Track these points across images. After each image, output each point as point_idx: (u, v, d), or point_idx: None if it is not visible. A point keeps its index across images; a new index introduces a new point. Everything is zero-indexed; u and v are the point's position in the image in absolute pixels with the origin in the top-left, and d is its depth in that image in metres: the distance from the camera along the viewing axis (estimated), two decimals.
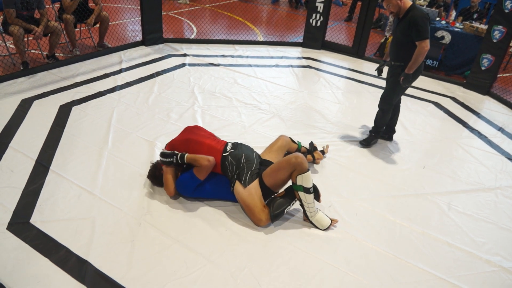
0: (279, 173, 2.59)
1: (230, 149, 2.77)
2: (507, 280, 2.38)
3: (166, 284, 2.14)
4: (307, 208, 2.59)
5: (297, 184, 2.54)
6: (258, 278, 2.23)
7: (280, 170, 2.59)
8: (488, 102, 5.10)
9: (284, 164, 2.57)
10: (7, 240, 2.33)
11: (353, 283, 2.26)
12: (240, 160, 2.69)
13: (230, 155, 2.72)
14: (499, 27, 4.99)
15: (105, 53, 5.31)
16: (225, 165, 2.70)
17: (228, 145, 2.81)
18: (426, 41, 3.13)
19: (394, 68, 3.43)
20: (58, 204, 2.65)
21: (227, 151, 2.74)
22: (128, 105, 4.08)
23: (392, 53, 3.44)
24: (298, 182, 2.53)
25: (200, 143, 2.77)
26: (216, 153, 2.73)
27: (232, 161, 2.69)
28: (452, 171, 3.46)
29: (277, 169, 2.61)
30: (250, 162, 2.70)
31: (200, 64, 5.39)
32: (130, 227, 2.51)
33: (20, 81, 4.35)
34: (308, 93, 4.80)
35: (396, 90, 3.48)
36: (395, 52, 3.40)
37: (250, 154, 2.77)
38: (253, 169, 2.68)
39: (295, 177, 2.53)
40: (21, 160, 3.05)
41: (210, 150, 2.73)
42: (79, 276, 2.14)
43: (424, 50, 3.14)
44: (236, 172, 2.67)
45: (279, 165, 2.61)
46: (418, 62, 3.22)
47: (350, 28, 7.94)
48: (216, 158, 2.70)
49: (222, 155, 2.72)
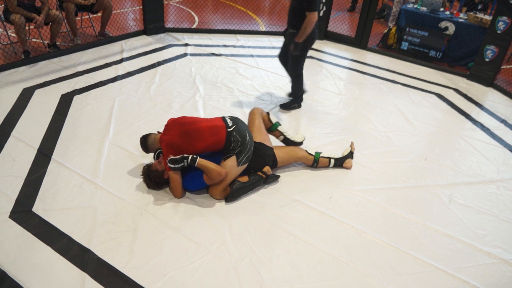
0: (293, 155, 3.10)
1: (232, 123, 2.75)
2: (507, 272, 2.39)
3: (167, 273, 2.16)
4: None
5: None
6: (258, 268, 2.25)
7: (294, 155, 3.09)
8: (492, 94, 5.07)
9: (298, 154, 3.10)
10: (10, 229, 2.35)
11: (354, 274, 2.28)
12: (245, 137, 2.72)
13: (235, 130, 2.71)
14: (504, 18, 4.93)
15: (106, 42, 5.28)
16: (230, 140, 2.68)
17: (227, 119, 2.79)
18: (314, 13, 3.32)
19: (292, 35, 3.58)
20: (60, 193, 2.66)
21: (230, 126, 2.72)
22: (129, 95, 4.07)
23: (289, 20, 3.59)
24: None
25: (199, 130, 2.68)
26: (221, 130, 2.69)
27: (237, 137, 2.69)
28: (454, 163, 3.45)
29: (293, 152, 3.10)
30: (251, 141, 2.79)
31: (201, 54, 5.36)
32: (132, 217, 2.52)
33: (21, 70, 4.34)
34: (310, 84, 4.78)
35: (298, 56, 3.67)
36: (291, 19, 3.57)
37: (249, 131, 2.84)
38: (252, 151, 2.77)
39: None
40: (23, 149, 3.05)
41: (212, 130, 2.68)
42: (81, 265, 2.16)
43: (312, 21, 3.33)
44: (239, 148, 2.68)
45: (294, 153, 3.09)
46: (307, 32, 3.39)
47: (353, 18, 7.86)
48: (221, 135, 2.67)
49: (227, 130, 2.69)
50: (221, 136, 2.67)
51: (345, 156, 3.21)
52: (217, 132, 2.68)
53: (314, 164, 3.12)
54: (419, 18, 6.02)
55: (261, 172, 2.84)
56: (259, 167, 2.86)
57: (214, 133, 2.67)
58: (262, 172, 2.84)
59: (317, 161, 3.11)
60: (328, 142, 3.56)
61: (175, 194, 2.70)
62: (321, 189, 2.94)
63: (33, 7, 4.56)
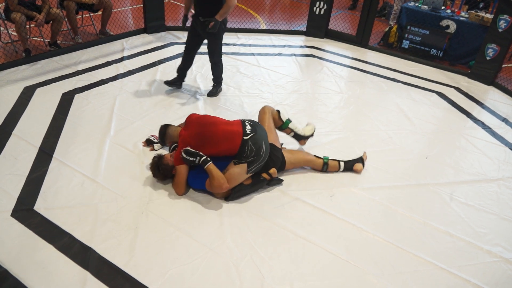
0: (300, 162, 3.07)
1: (250, 131, 2.67)
2: (507, 271, 2.39)
3: (168, 271, 2.17)
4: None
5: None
6: (259, 266, 2.25)
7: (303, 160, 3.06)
8: (493, 92, 5.06)
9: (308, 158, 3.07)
10: (12, 227, 2.35)
11: (354, 272, 2.28)
12: (260, 148, 2.65)
13: (251, 139, 2.63)
14: (505, 16, 4.92)
15: (107, 41, 5.28)
16: (244, 148, 2.62)
17: (246, 126, 2.71)
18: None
19: (205, 22, 3.73)
20: (61, 191, 2.67)
21: (247, 134, 2.64)
22: (130, 93, 4.08)
23: (201, 9, 3.74)
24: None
25: (213, 134, 2.62)
26: (236, 136, 2.62)
27: (252, 147, 2.62)
28: (454, 161, 3.45)
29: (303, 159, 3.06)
30: (267, 153, 2.72)
31: (202, 53, 5.34)
32: (133, 215, 2.53)
33: (22, 68, 4.34)
34: (311, 82, 4.78)
35: (217, 40, 3.89)
36: (205, 8, 3.71)
37: (267, 141, 2.75)
38: (265, 162, 2.73)
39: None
40: (25, 148, 3.06)
41: (227, 136, 2.62)
42: (83, 263, 2.17)
43: (233, 4, 3.67)
44: (252, 158, 2.63)
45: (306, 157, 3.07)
46: (227, 14, 3.73)
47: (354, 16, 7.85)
48: (235, 142, 2.61)
49: (243, 138, 2.63)
50: (235, 144, 2.61)
51: (355, 160, 3.16)
52: (232, 138, 2.62)
53: (324, 167, 3.05)
54: (420, 16, 6.01)
55: (266, 173, 2.80)
56: (266, 168, 2.81)
57: (228, 139, 2.62)
58: (267, 174, 2.80)
59: (326, 163, 3.05)
60: (329, 141, 3.56)
61: (177, 190, 2.71)
62: (322, 188, 2.94)
63: (33, 5, 4.56)
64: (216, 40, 3.90)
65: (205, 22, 3.72)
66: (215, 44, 3.94)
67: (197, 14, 3.79)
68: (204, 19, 3.73)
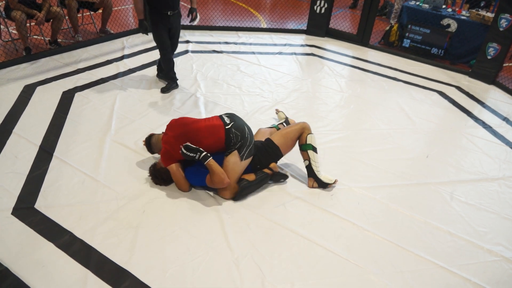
0: (290, 134, 2.88)
1: (229, 121, 2.75)
2: (508, 270, 2.39)
3: (169, 270, 2.17)
4: (315, 166, 2.88)
5: (306, 143, 2.86)
6: (260, 264, 2.25)
7: (290, 132, 2.88)
8: (494, 91, 5.05)
9: (294, 128, 2.89)
10: (12, 225, 2.35)
11: (355, 271, 2.28)
12: (244, 131, 2.72)
13: (233, 127, 2.71)
14: (506, 15, 4.91)
15: (108, 39, 5.28)
16: (230, 137, 2.68)
17: (225, 118, 2.78)
18: None
19: (178, 14, 3.94)
20: (62, 189, 2.67)
21: (228, 124, 2.72)
22: (130, 92, 4.07)
23: (172, 3, 3.80)
24: (308, 141, 2.86)
25: (197, 131, 2.67)
26: (219, 128, 2.69)
27: (236, 132, 2.68)
28: (455, 160, 3.45)
29: (287, 132, 2.89)
30: (251, 135, 2.78)
31: (203, 51, 5.35)
32: (134, 213, 2.53)
33: (22, 67, 4.34)
34: (312, 81, 4.77)
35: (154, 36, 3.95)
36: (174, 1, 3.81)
37: (247, 124, 2.83)
38: (253, 144, 2.76)
39: (305, 137, 2.86)
40: (25, 146, 3.06)
41: (211, 130, 2.68)
42: (84, 261, 2.17)
43: None
44: (240, 143, 2.68)
45: (289, 128, 2.91)
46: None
47: (355, 15, 7.84)
48: (220, 133, 2.67)
49: (225, 128, 2.69)
50: (220, 135, 2.67)
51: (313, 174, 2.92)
52: (216, 131, 2.68)
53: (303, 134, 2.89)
54: (421, 15, 6.00)
55: (268, 168, 2.84)
56: (266, 164, 2.84)
57: (212, 133, 2.67)
58: (268, 169, 2.84)
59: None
60: (329, 140, 3.55)
61: (181, 188, 2.73)
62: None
63: (34, 3, 4.56)
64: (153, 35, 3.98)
65: (176, 14, 3.87)
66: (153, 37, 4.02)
67: (165, 9, 3.79)
68: (174, 12, 3.84)
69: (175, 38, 4.10)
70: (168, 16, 3.83)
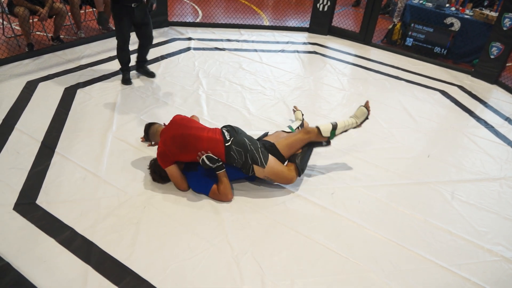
0: (295, 144, 2.85)
1: (229, 136, 2.68)
2: (508, 270, 2.39)
3: (169, 266, 2.18)
4: (350, 126, 2.94)
5: (329, 136, 2.84)
6: (260, 262, 2.26)
7: (295, 142, 2.85)
8: (496, 91, 5.04)
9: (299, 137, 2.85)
10: (14, 220, 2.37)
11: (355, 269, 2.29)
12: (244, 144, 2.66)
13: (233, 143, 2.64)
14: (510, 15, 4.89)
15: (110, 36, 5.28)
16: (231, 154, 2.62)
17: (225, 132, 2.71)
18: None
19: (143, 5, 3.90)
20: (63, 185, 2.68)
21: (228, 140, 2.65)
22: (132, 88, 4.08)
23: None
24: (326, 135, 2.83)
25: (199, 138, 2.63)
26: (218, 144, 2.63)
27: (237, 149, 2.62)
28: (457, 160, 3.45)
29: (293, 141, 2.84)
30: (253, 142, 2.73)
31: (205, 48, 5.35)
32: (135, 210, 2.54)
33: (25, 63, 4.35)
34: (314, 79, 4.77)
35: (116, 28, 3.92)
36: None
37: (248, 135, 2.80)
38: (260, 146, 2.72)
39: (320, 136, 2.82)
40: (27, 142, 3.07)
41: (211, 143, 2.62)
42: (84, 257, 2.18)
43: None
44: (248, 157, 2.63)
45: (294, 136, 2.86)
46: None
47: (358, 13, 7.82)
48: (220, 149, 2.61)
49: (225, 145, 2.63)
50: (219, 150, 2.62)
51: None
52: (216, 145, 2.63)
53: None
54: (424, 14, 5.98)
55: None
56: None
57: (213, 147, 2.62)
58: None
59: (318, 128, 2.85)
60: None
61: (180, 187, 2.72)
62: (323, 185, 2.94)
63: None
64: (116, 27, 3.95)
65: (139, 7, 3.81)
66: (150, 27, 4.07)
67: (129, 2, 3.73)
68: (137, 4, 3.79)
69: (148, 30, 4.08)
70: (132, 8, 3.78)
